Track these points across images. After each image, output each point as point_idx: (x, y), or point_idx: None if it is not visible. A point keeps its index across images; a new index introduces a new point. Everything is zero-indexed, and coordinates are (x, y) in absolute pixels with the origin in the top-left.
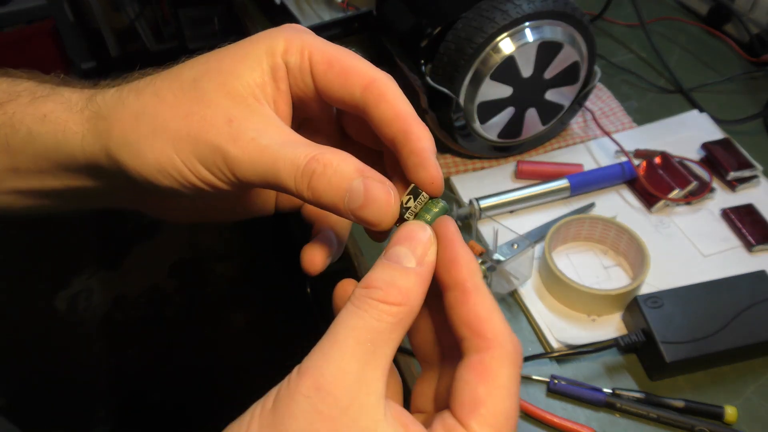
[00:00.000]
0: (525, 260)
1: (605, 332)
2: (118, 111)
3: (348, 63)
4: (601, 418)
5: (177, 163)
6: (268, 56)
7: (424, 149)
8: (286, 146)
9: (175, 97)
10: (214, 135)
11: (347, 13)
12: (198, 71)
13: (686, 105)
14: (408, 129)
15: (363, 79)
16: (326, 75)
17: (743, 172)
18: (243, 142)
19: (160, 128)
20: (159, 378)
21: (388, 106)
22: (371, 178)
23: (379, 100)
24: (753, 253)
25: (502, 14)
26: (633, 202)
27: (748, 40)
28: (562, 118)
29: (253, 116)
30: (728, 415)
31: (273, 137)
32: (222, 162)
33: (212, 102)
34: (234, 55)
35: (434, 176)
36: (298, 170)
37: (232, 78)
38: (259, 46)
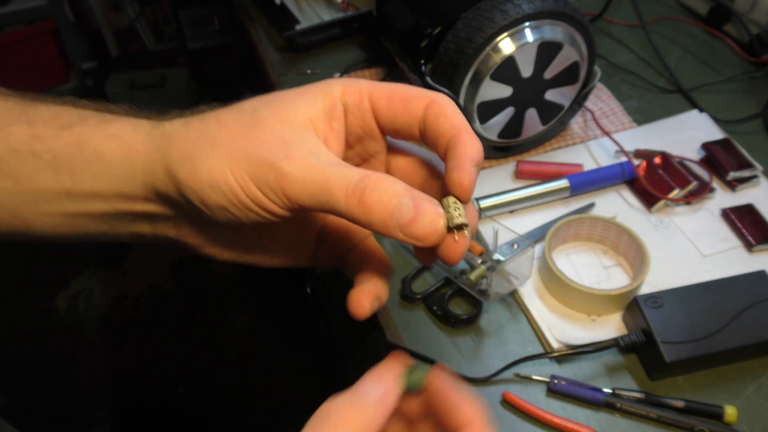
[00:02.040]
0: (525, 260)
1: (605, 332)
2: (182, 132)
3: (406, 91)
4: (601, 418)
5: (230, 180)
6: (324, 96)
7: (465, 155)
8: (339, 166)
9: (235, 122)
10: (269, 153)
11: (347, 13)
12: (258, 103)
13: (686, 105)
14: (460, 137)
15: (423, 101)
16: (389, 107)
17: (743, 172)
18: (296, 159)
19: (217, 147)
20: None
21: (446, 119)
22: (419, 196)
23: (439, 115)
24: (753, 253)
25: (501, 14)
26: (633, 202)
27: (748, 40)
28: (562, 118)
29: (306, 139)
30: (728, 415)
31: (325, 158)
32: (274, 180)
33: (268, 126)
34: (293, 93)
35: (464, 180)
36: (350, 186)
37: (287, 109)
38: (317, 87)
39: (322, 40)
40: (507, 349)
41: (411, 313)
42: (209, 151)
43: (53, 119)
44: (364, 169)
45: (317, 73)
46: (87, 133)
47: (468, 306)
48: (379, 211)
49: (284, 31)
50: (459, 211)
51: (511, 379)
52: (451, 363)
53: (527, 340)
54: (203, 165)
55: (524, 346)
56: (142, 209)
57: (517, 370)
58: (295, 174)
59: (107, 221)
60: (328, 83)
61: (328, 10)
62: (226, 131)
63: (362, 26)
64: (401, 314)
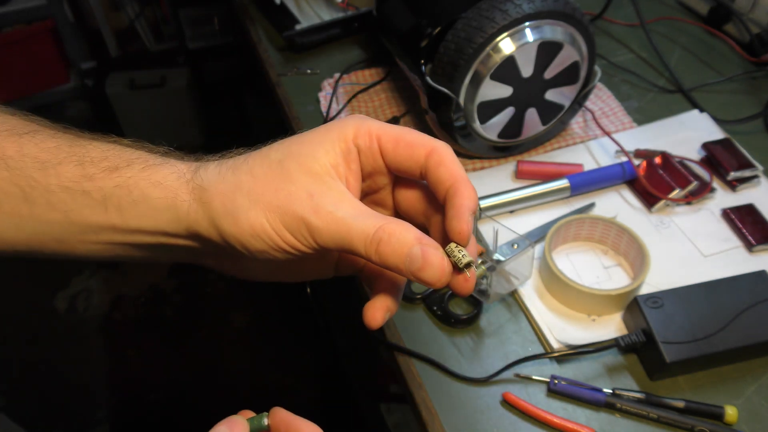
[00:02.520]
0: (525, 260)
1: (605, 332)
2: (219, 185)
3: (411, 138)
4: (601, 418)
5: (268, 229)
6: (340, 142)
7: (462, 205)
8: (358, 218)
9: (265, 175)
10: (299, 207)
11: (347, 13)
12: (283, 154)
13: (686, 105)
14: (458, 188)
15: (425, 148)
16: (395, 150)
17: (743, 172)
18: (323, 214)
19: (254, 201)
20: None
21: (446, 169)
22: (428, 245)
23: (439, 164)
24: (753, 253)
25: (502, 14)
26: (633, 202)
27: (748, 40)
28: (562, 118)
29: (329, 192)
30: (728, 415)
31: (347, 210)
32: (305, 230)
33: (296, 180)
34: (312, 141)
35: (464, 229)
36: (368, 238)
37: (310, 160)
38: (333, 133)
39: (322, 40)
40: (507, 349)
41: (411, 313)
42: (247, 206)
43: (101, 160)
44: (380, 217)
45: (317, 73)
46: (134, 177)
47: (468, 306)
48: (393, 260)
49: (284, 30)
50: (463, 252)
51: (511, 379)
52: (451, 363)
53: (527, 340)
54: (244, 218)
55: (524, 346)
56: (184, 244)
57: (517, 370)
58: (322, 228)
59: (150, 250)
60: (342, 127)
61: (328, 9)
62: (258, 184)
63: (362, 26)
64: (401, 314)
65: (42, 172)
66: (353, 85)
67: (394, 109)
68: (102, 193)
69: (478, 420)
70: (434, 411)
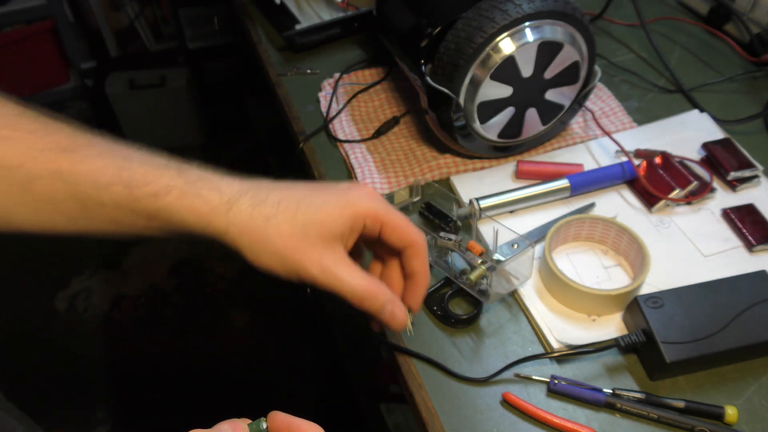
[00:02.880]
0: (525, 260)
1: (605, 332)
2: (249, 226)
3: (403, 231)
4: (601, 418)
5: (280, 270)
6: (352, 220)
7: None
8: (352, 278)
9: (291, 236)
10: (310, 267)
11: (347, 13)
12: (306, 218)
13: (686, 105)
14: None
15: (410, 240)
16: (391, 234)
17: (744, 171)
18: (327, 273)
19: (276, 255)
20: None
21: (417, 260)
22: (396, 304)
23: (412, 253)
24: (753, 253)
25: (502, 14)
26: (633, 202)
27: (748, 39)
28: (563, 118)
29: (335, 255)
30: (729, 415)
31: (344, 271)
32: (310, 278)
33: (314, 244)
34: (331, 213)
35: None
36: (356, 295)
37: (326, 231)
38: (349, 210)
39: (322, 40)
40: (507, 349)
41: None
42: (269, 252)
43: (144, 185)
44: (367, 278)
45: (317, 73)
46: (173, 203)
47: (468, 306)
48: (371, 310)
49: (284, 30)
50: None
51: (512, 380)
52: (451, 363)
53: (527, 340)
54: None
55: (524, 346)
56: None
57: (517, 371)
58: (324, 282)
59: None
60: (357, 208)
61: (328, 9)
62: (283, 240)
63: (362, 26)
64: None
65: (95, 190)
66: (353, 85)
67: (394, 109)
68: (147, 213)
69: (478, 420)
70: (434, 411)
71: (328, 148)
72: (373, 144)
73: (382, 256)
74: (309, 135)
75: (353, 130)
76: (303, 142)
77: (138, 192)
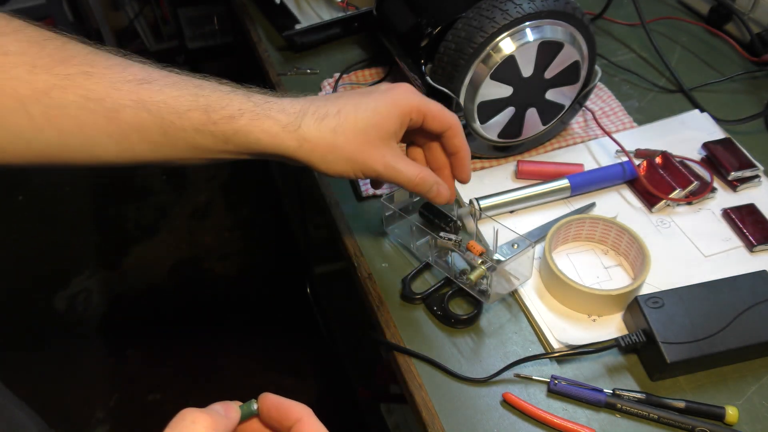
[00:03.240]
0: (525, 260)
1: (606, 332)
2: (320, 139)
3: (442, 116)
4: (601, 418)
5: (350, 173)
6: (402, 117)
7: (466, 157)
8: (408, 169)
9: (356, 138)
10: (375, 164)
11: (347, 13)
12: (366, 123)
13: (687, 105)
14: (461, 146)
15: (449, 122)
16: (432, 121)
17: (744, 171)
18: (389, 167)
19: (345, 159)
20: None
21: (457, 138)
22: (439, 183)
23: (452, 134)
24: (754, 253)
25: (502, 14)
26: (634, 202)
27: (749, 39)
28: (563, 117)
29: (392, 151)
30: (729, 415)
31: (400, 164)
32: (375, 174)
33: (375, 145)
34: (385, 114)
35: (465, 177)
36: (411, 182)
37: (383, 131)
38: (397, 109)
39: (322, 40)
40: (507, 350)
41: (411, 313)
42: (341, 159)
43: (220, 109)
44: (417, 167)
45: (317, 73)
46: (248, 125)
47: (468, 306)
48: (423, 192)
49: (284, 30)
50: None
51: (512, 380)
52: (451, 363)
53: (527, 340)
54: (336, 165)
55: (524, 347)
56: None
57: (517, 371)
58: (386, 175)
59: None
60: (403, 105)
61: (328, 9)
62: (349, 147)
63: (362, 26)
64: (401, 314)
65: (176, 116)
66: (353, 84)
67: None
68: (225, 136)
69: (478, 420)
70: (434, 411)
71: None
72: None
73: (422, 143)
74: None
75: None
76: None
77: (215, 116)
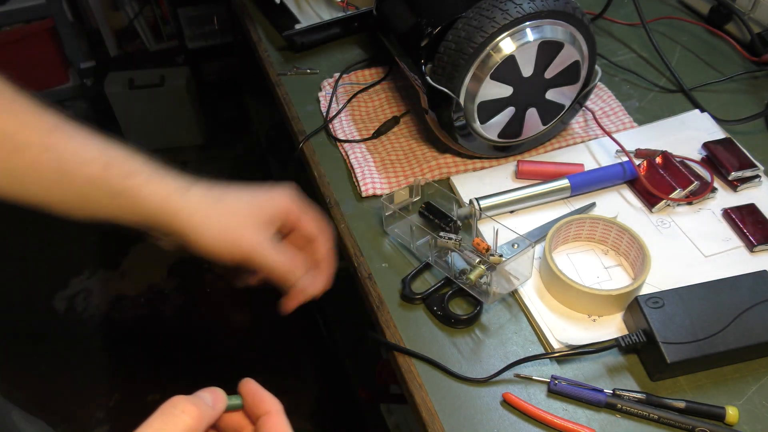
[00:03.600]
0: (525, 260)
1: (606, 332)
2: (202, 205)
3: (310, 228)
4: (602, 418)
5: (221, 248)
6: (275, 211)
7: (324, 270)
8: (278, 256)
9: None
10: (247, 242)
11: (347, 13)
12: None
13: (687, 104)
14: (323, 259)
15: (313, 235)
16: (302, 228)
17: (745, 171)
18: (259, 250)
19: (219, 228)
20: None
21: (319, 252)
22: (306, 279)
23: (317, 246)
24: (754, 253)
25: (502, 14)
26: (634, 202)
27: (749, 39)
28: (563, 117)
29: (266, 238)
30: (730, 415)
31: (272, 250)
32: (246, 252)
33: (250, 227)
34: (263, 207)
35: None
36: (279, 270)
37: (259, 217)
38: (273, 209)
39: (322, 40)
40: (507, 350)
41: (411, 313)
42: (214, 230)
43: (120, 165)
44: (289, 257)
45: (317, 73)
46: (140, 185)
47: (468, 306)
48: (290, 282)
49: (284, 30)
50: None
51: (512, 380)
52: (451, 363)
53: (527, 340)
54: (206, 238)
55: (524, 347)
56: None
57: (517, 371)
58: (256, 257)
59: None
60: (282, 203)
61: (328, 9)
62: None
63: (362, 26)
64: (401, 314)
65: (76, 165)
66: (353, 84)
67: (394, 109)
68: (115, 191)
69: (478, 420)
70: (434, 411)
71: (328, 148)
72: (373, 144)
73: (296, 243)
74: (309, 135)
75: (353, 130)
76: (303, 142)
77: (113, 171)
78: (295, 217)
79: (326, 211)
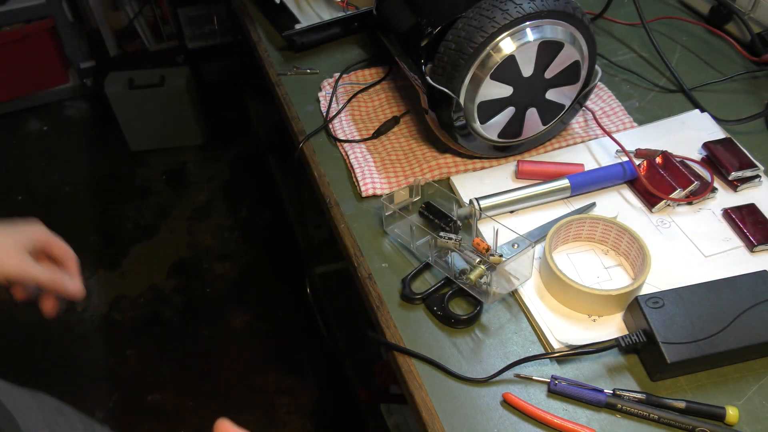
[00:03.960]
0: (525, 260)
1: (606, 332)
2: None
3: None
4: (602, 418)
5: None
6: (29, 238)
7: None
8: (42, 272)
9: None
10: (10, 261)
11: (347, 13)
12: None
13: (687, 104)
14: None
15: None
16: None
17: (745, 171)
18: (22, 268)
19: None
20: (158, 378)
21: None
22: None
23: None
24: (754, 253)
25: (502, 13)
26: (634, 202)
27: (749, 39)
28: (563, 117)
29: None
30: (730, 415)
31: (35, 267)
32: (11, 272)
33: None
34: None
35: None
36: (45, 282)
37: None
38: (27, 233)
39: (322, 40)
40: (507, 350)
41: (411, 313)
42: None
43: None
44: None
45: (317, 73)
46: None
47: (468, 306)
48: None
49: (284, 30)
50: None
51: (512, 380)
52: (451, 363)
53: (528, 340)
54: None
55: (525, 347)
56: None
57: (517, 371)
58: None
59: None
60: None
61: (328, 9)
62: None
63: (362, 25)
64: (401, 314)
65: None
66: (353, 84)
67: (394, 109)
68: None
69: (478, 420)
70: (434, 411)
71: (328, 147)
72: (373, 144)
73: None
74: (309, 135)
75: (353, 130)
76: (303, 142)
77: None
78: (45, 240)
79: (326, 211)
